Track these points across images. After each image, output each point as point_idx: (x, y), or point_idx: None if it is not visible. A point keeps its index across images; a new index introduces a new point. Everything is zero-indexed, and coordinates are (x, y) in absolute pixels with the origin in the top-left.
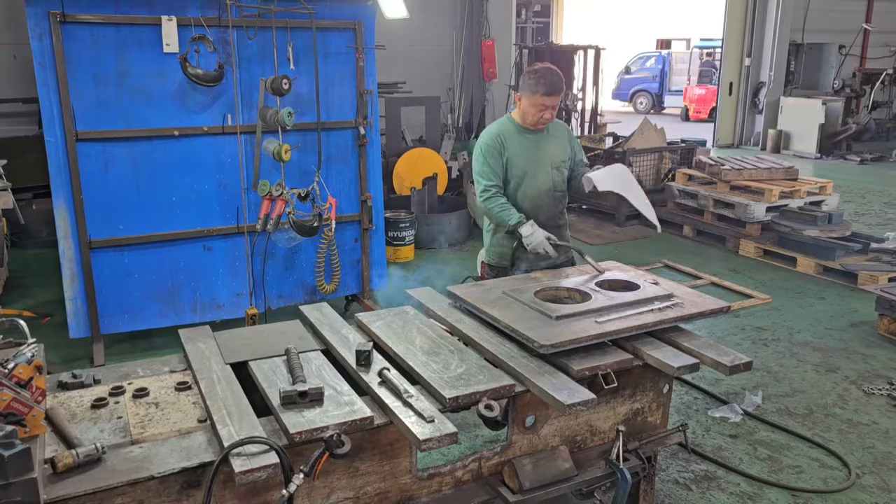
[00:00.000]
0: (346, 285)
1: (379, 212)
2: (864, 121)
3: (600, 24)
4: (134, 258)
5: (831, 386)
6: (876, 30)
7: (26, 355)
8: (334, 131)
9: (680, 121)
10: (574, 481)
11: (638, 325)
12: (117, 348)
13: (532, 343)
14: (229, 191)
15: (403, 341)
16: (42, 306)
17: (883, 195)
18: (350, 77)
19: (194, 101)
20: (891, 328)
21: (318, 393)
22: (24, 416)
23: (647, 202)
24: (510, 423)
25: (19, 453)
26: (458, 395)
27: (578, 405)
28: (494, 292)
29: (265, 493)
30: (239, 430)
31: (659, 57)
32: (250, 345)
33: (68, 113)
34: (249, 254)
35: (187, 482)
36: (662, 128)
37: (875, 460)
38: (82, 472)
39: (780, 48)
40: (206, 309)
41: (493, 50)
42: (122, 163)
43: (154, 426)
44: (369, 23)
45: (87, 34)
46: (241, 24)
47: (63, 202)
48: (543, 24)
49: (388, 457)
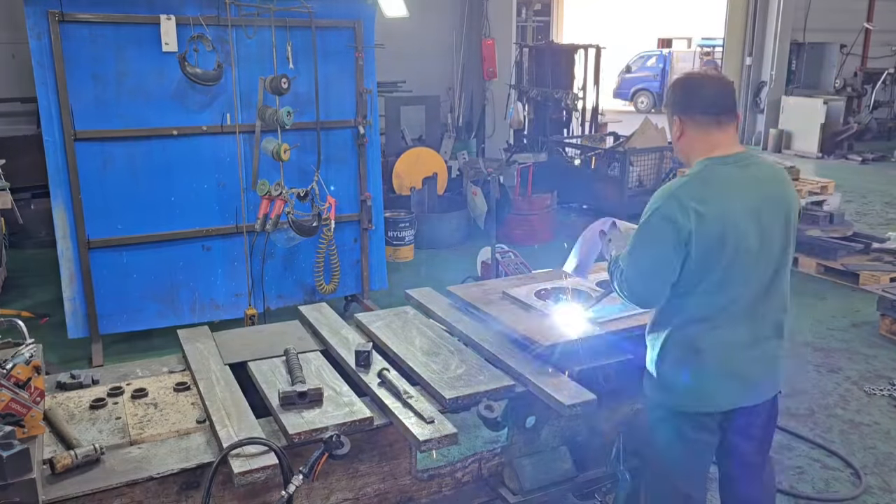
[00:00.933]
0: (346, 285)
1: (378, 212)
2: (865, 120)
3: (601, 23)
4: (132, 258)
5: (833, 386)
6: (877, 29)
7: (25, 356)
8: (334, 130)
9: None
10: (574, 482)
11: (639, 325)
12: (116, 349)
13: (532, 343)
14: (228, 190)
15: (403, 342)
16: (40, 306)
17: (884, 195)
18: (349, 76)
19: (193, 100)
20: (892, 328)
21: (318, 393)
22: (23, 417)
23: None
24: (510, 423)
25: (18, 454)
26: (458, 396)
27: (578, 405)
28: (494, 292)
29: (264, 494)
30: (238, 430)
31: (660, 56)
32: (249, 345)
33: (67, 112)
34: (248, 254)
35: (186, 483)
36: (663, 127)
37: (876, 461)
38: (81, 472)
39: (782, 47)
40: (205, 309)
41: (493, 49)
42: (121, 162)
43: (153, 427)
44: (369, 21)
45: (85, 33)
46: (239, 23)
47: (61, 202)
48: (544, 22)
49: (388, 458)
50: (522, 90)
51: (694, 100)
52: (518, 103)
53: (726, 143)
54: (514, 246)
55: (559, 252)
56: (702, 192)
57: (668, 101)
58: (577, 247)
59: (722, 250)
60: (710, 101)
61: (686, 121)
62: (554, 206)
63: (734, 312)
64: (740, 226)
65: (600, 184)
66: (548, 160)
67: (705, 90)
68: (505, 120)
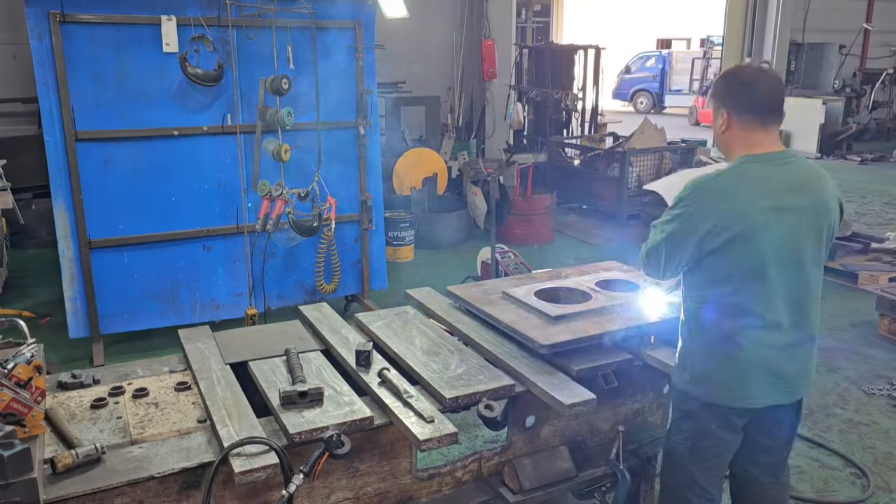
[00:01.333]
0: (346, 285)
1: (379, 212)
2: (864, 120)
3: (600, 24)
4: (133, 258)
5: (832, 386)
6: (876, 29)
7: (26, 355)
8: (334, 131)
9: (689, 125)
10: (574, 481)
11: (638, 325)
12: (117, 348)
13: (532, 343)
14: (229, 190)
15: (403, 341)
16: (41, 306)
17: (883, 195)
18: (350, 77)
19: (194, 100)
20: (891, 328)
21: (318, 393)
22: (24, 417)
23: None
24: (510, 423)
25: (19, 453)
26: (458, 396)
27: (578, 405)
28: (494, 292)
29: (265, 494)
30: (238, 430)
31: (659, 56)
32: (250, 345)
33: (68, 113)
34: (249, 254)
35: (187, 482)
36: (663, 127)
37: (875, 460)
38: (82, 472)
39: (781, 48)
40: (206, 309)
41: (493, 49)
42: (122, 163)
43: (154, 426)
44: (369, 22)
45: (86, 34)
46: (240, 24)
47: (62, 202)
48: (543, 23)
49: (388, 457)
50: (522, 91)
51: (746, 96)
52: (518, 104)
53: (769, 142)
54: (514, 246)
55: (559, 252)
56: (733, 187)
57: (717, 91)
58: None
59: (750, 246)
60: (762, 101)
61: (734, 116)
62: (554, 206)
63: (772, 309)
64: (770, 223)
65: (600, 184)
66: (548, 160)
67: (759, 87)
68: (505, 120)
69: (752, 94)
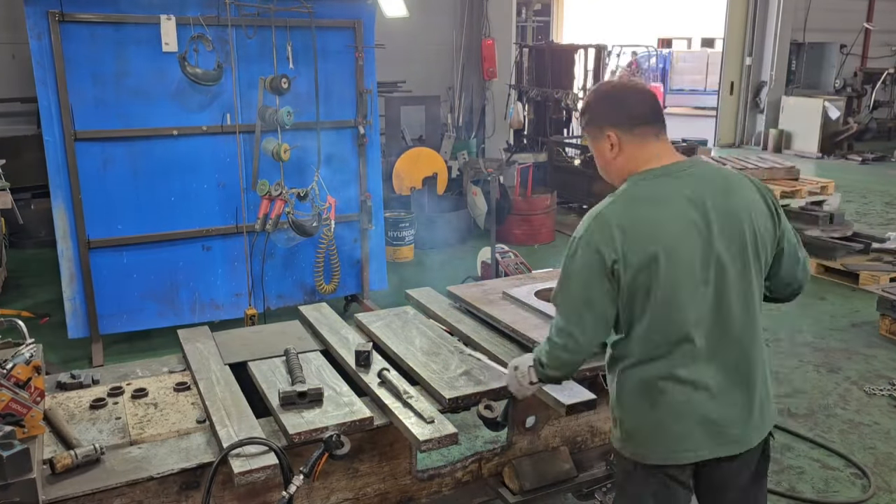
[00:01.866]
0: (346, 285)
1: (378, 212)
2: (865, 120)
3: (601, 23)
4: (133, 258)
5: (832, 386)
6: (877, 29)
7: (25, 356)
8: (334, 131)
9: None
10: (574, 482)
11: None
12: (116, 349)
13: (532, 343)
14: (228, 190)
15: (403, 342)
16: (40, 306)
17: (884, 195)
18: (349, 76)
19: (193, 100)
20: (892, 328)
21: (318, 393)
22: (23, 417)
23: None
24: (510, 423)
25: (18, 454)
26: (458, 396)
27: (578, 405)
28: (494, 292)
29: (264, 495)
30: (238, 430)
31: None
32: (249, 345)
33: (67, 112)
34: (248, 254)
35: (186, 483)
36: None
37: (876, 461)
38: (81, 472)
39: (782, 47)
40: (205, 309)
41: (493, 49)
42: (121, 162)
43: (153, 427)
44: (369, 21)
45: (85, 33)
46: (240, 23)
47: (62, 202)
48: (544, 22)
49: (388, 458)
50: (522, 90)
51: (627, 110)
52: (518, 103)
53: (666, 153)
54: (514, 246)
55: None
56: (629, 211)
57: (594, 114)
58: None
59: (657, 274)
60: (645, 110)
61: (623, 134)
62: (554, 205)
63: (694, 347)
64: (678, 245)
65: (601, 184)
66: (548, 160)
67: (636, 98)
68: (505, 120)
69: (633, 105)
